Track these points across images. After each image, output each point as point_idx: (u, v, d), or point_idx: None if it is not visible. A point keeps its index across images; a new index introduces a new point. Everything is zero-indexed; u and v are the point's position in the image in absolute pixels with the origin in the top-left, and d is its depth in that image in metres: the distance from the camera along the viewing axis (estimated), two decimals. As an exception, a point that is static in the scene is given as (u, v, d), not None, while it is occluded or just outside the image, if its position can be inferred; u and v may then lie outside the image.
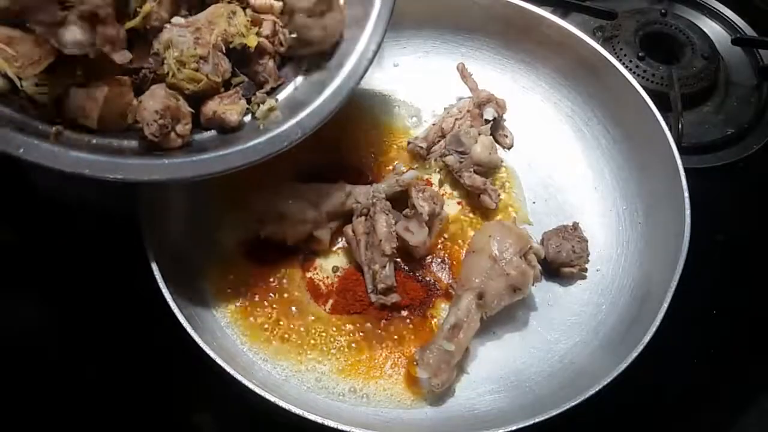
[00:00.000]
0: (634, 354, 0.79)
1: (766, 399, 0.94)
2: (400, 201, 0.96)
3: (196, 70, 0.80)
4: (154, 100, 0.77)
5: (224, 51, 0.82)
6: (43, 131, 0.73)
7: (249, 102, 0.85)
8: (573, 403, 0.76)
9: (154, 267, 0.81)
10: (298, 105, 0.85)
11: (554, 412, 0.75)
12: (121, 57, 0.75)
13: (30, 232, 0.97)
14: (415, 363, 0.84)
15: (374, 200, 0.93)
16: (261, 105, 0.85)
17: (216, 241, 0.94)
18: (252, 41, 0.83)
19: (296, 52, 0.87)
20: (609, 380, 0.77)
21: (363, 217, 0.93)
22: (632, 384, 0.79)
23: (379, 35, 0.87)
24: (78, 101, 0.75)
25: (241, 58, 0.85)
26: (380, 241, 0.90)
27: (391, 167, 1.04)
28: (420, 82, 1.14)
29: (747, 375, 0.97)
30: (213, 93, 0.82)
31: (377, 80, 1.11)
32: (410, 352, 0.88)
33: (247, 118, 0.85)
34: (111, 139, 0.77)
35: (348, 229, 0.95)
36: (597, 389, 0.77)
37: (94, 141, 0.76)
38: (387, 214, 0.92)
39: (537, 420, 0.75)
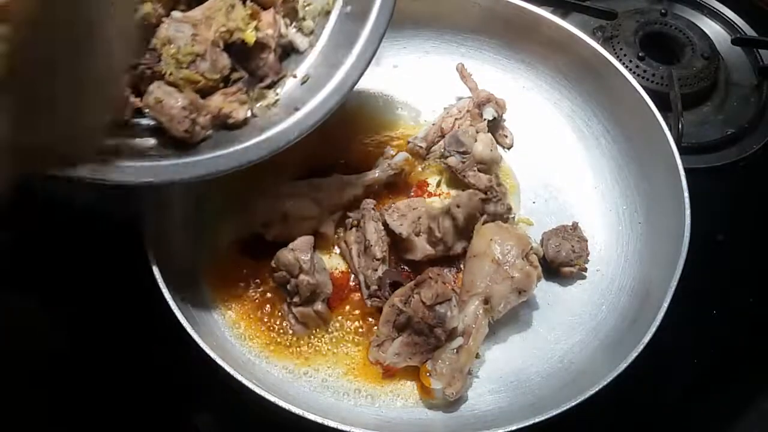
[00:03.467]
0: (634, 354, 0.79)
1: (765, 399, 0.94)
2: (395, 187, 1.00)
3: (193, 67, 0.77)
4: (175, 97, 0.75)
5: (222, 47, 0.80)
6: None
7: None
8: (573, 403, 0.76)
9: (155, 268, 0.80)
10: (295, 104, 0.83)
11: (554, 412, 0.75)
12: None
13: (27, 233, 0.97)
14: (428, 374, 0.83)
15: (364, 211, 0.95)
16: (261, 101, 0.83)
17: (216, 241, 0.94)
18: (250, 37, 0.81)
19: None
20: (609, 380, 0.77)
21: (354, 228, 0.95)
22: (632, 384, 0.79)
23: (379, 34, 0.85)
24: None
25: (241, 51, 0.82)
26: (371, 246, 0.91)
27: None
28: (420, 82, 1.13)
29: (747, 375, 0.97)
30: (212, 90, 0.81)
31: (377, 80, 1.11)
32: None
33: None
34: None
35: (341, 241, 0.96)
36: (597, 389, 0.77)
37: None
38: (377, 222, 0.94)
39: (537, 420, 0.75)
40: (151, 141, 0.77)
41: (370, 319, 0.90)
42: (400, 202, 0.96)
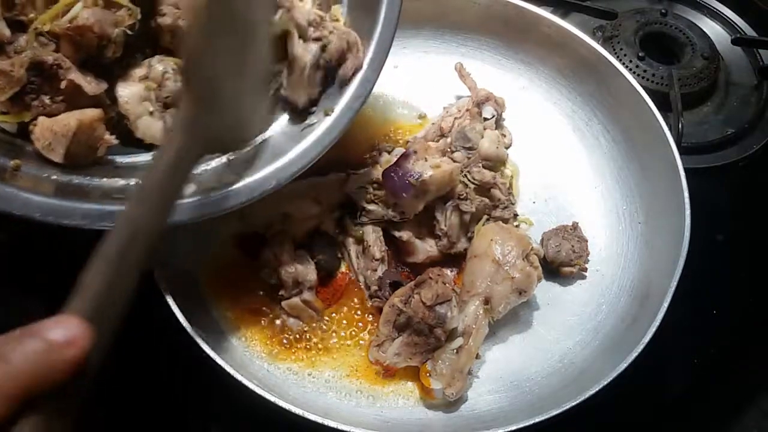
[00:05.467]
0: (634, 354, 0.79)
1: (765, 399, 0.94)
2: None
3: None
4: None
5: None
6: (1, 164, 0.70)
7: None
8: (573, 403, 0.76)
9: (156, 270, 0.80)
10: (277, 151, 0.81)
11: (554, 412, 0.75)
12: (95, 88, 0.72)
13: (25, 236, 0.97)
14: (428, 374, 0.83)
15: (362, 212, 0.95)
16: None
17: (216, 241, 0.94)
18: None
19: None
20: (609, 380, 0.77)
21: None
22: (632, 384, 0.79)
23: (369, 86, 0.84)
24: (45, 132, 0.71)
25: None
26: (370, 246, 0.91)
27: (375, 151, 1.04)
28: (420, 82, 1.13)
29: (747, 375, 0.97)
30: None
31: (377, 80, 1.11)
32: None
33: (214, 163, 0.81)
34: (75, 176, 0.73)
35: (340, 244, 0.96)
36: (597, 389, 0.77)
37: (54, 177, 0.72)
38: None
39: (537, 420, 0.75)
40: (120, 182, 0.76)
41: (369, 316, 0.91)
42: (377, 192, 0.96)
